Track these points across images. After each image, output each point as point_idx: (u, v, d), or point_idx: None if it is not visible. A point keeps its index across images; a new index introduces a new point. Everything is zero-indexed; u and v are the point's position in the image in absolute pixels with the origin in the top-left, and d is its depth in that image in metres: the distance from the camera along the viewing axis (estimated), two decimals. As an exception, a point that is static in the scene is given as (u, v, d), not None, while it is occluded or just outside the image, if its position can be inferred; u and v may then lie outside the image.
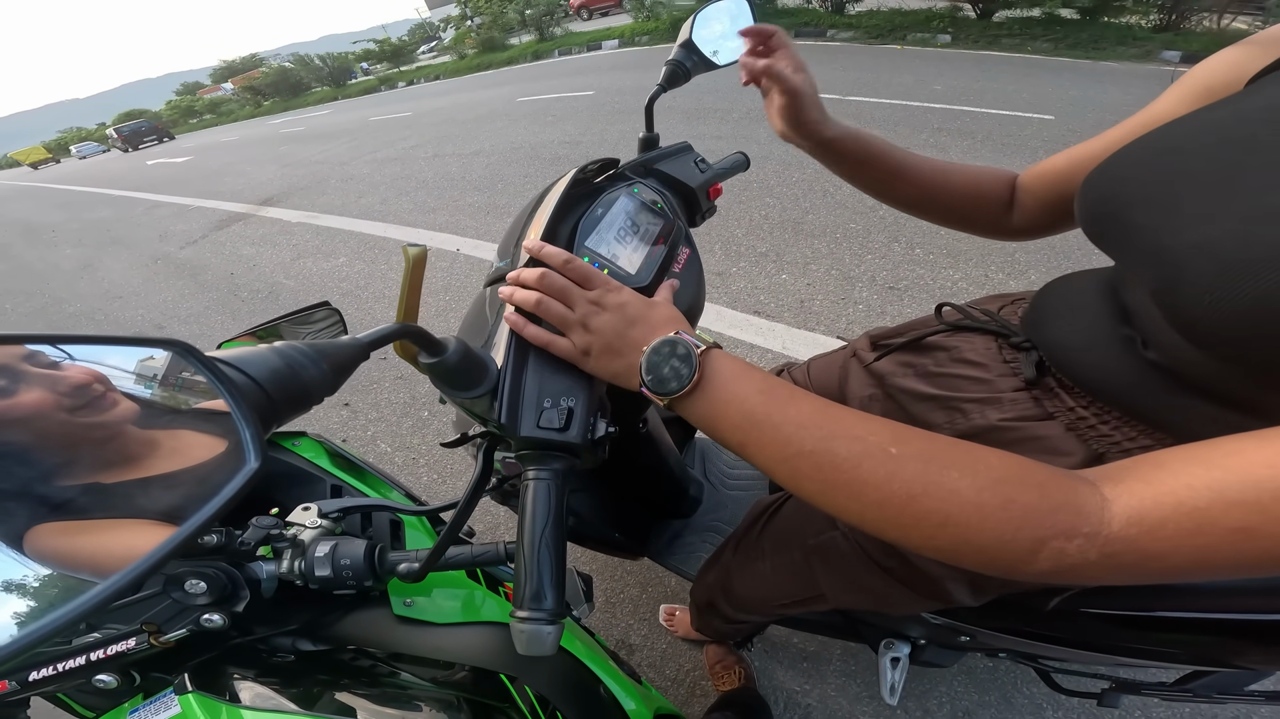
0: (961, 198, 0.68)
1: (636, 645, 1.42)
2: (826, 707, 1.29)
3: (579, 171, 0.61)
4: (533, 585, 0.42)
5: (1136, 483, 0.33)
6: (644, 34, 12.70)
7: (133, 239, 5.88)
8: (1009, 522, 0.34)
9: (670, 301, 0.53)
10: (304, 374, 0.34)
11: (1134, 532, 0.31)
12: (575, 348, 0.48)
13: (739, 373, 0.44)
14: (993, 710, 1.25)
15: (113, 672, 0.51)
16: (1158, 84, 3.10)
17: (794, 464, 0.40)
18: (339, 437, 2.19)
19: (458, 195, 4.67)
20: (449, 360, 0.44)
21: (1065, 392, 0.52)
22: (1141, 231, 0.41)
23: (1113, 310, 0.49)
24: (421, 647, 0.59)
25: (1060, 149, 0.61)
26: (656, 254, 0.60)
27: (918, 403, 0.65)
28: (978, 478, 0.36)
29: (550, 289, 0.49)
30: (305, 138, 10.81)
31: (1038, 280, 2.39)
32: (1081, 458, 0.49)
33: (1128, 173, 0.44)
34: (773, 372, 1.17)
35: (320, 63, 26.22)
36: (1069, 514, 0.33)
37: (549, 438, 0.46)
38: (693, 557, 1.12)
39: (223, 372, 0.29)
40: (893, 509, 0.37)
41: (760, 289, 2.63)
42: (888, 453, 0.38)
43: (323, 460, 0.76)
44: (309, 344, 0.35)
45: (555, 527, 0.44)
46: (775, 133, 0.69)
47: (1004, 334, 0.60)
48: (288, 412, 0.33)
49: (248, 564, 0.52)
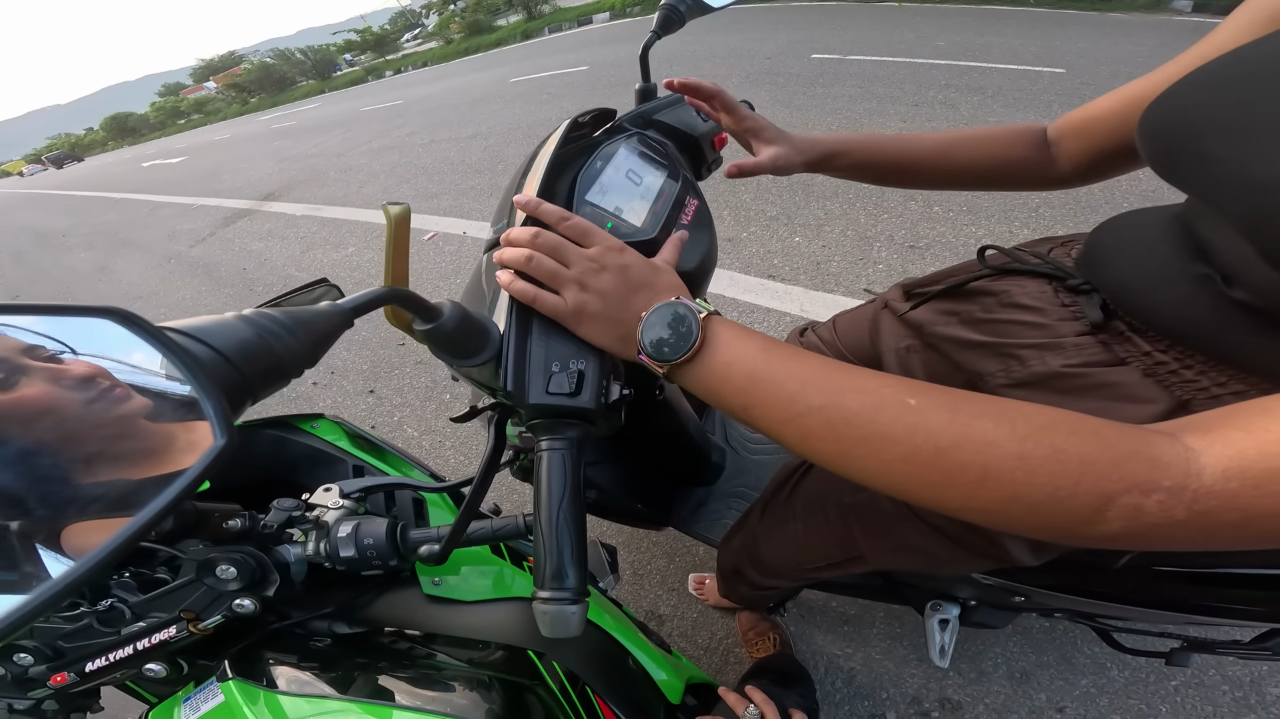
0: (979, 165, 0.66)
1: (666, 616, 1.41)
2: (871, 669, 1.26)
3: (573, 123, 0.57)
4: (553, 564, 0.40)
5: (1235, 432, 0.28)
6: (635, 4, 12.41)
7: (143, 240, 5.90)
8: (1063, 473, 0.29)
9: (677, 257, 0.51)
10: (277, 344, 0.30)
11: (1234, 485, 0.27)
12: (567, 305, 0.44)
13: (740, 334, 0.42)
14: (1052, 671, 1.21)
15: (160, 660, 0.51)
16: (1171, 34, 3.02)
17: (803, 423, 0.37)
18: (366, 423, 2.22)
19: (459, 179, 4.62)
20: (445, 325, 0.41)
21: (1138, 335, 0.48)
22: (1221, 163, 0.37)
23: (1184, 247, 0.45)
24: (452, 625, 0.59)
25: (1076, 103, 0.59)
26: (662, 206, 0.56)
27: (964, 350, 0.61)
28: (1016, 426, 0.31)
29: (543, 246, 0.45)
30: (297, 132, 10.75)
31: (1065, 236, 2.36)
32: (1165, 406, 0.44)
33: (1196, 100, 0.40)
34: (795, 331, 1.14)
35: (302, 56, 26.02)
36: (1142, 464, 0.28)
37: (560, 404, 0.44)
38: (718, 524, 1.10)
39: (176, 343, 0.26)
40: (919, 464, 0.33)
41: (774, 253, 2.57)
42: (905, 404, 0.34)
43: (342, 441, 0.75)
44: (284, 311, 0.32)
45: (573, 499, 0.42)
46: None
47: (1059, 276, 0.56)
48: (261, 386, 0.30)
49: (275, 548, 0.52)
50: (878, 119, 3.81)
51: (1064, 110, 0.60)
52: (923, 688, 1.22)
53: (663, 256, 0.49)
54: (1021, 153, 0.64)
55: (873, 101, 4.13)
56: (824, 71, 5.05)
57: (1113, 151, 0.57)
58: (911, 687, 1.23)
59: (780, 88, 4.77)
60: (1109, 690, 1.18)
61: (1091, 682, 1.19)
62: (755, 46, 6.40)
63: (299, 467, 0.73)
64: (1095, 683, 1.19)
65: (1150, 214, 0.51)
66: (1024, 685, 1.20)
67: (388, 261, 0.42)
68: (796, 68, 5.33)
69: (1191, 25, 5.91)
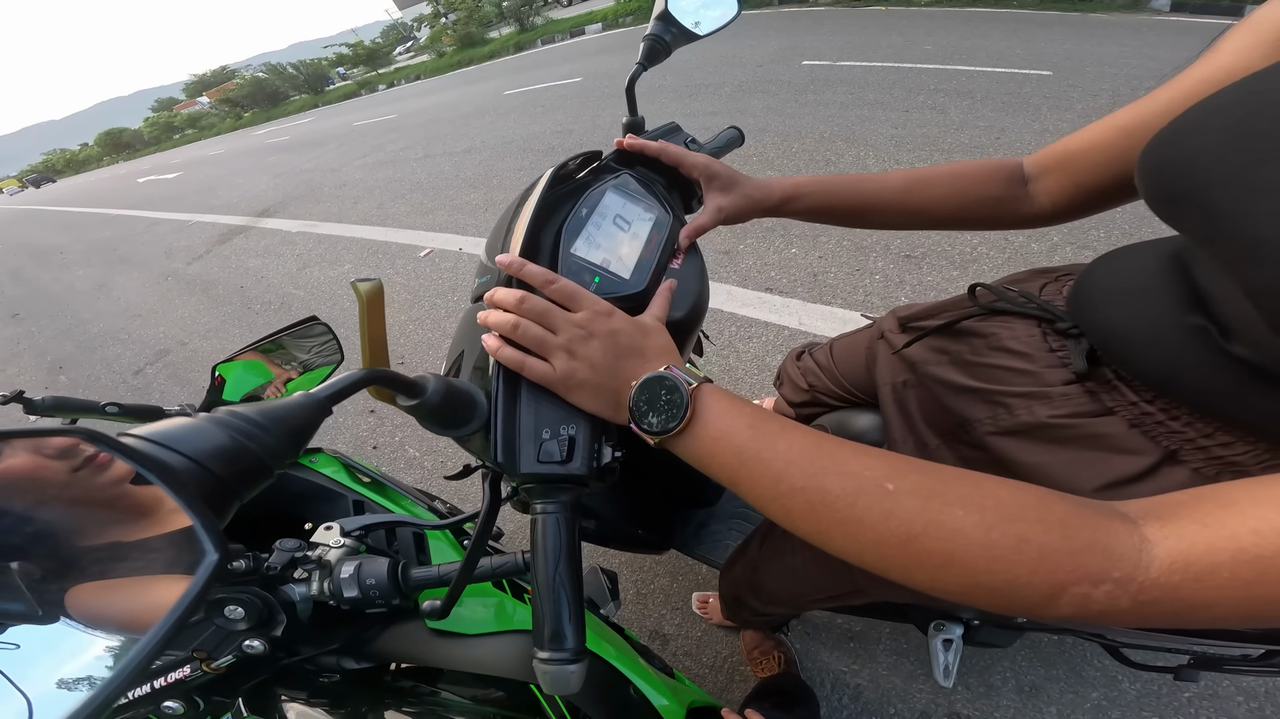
0: (946, 204, 0.63)
1: (670, 635, 1.41)
2: (878, 686, 1.25)
3: (558, 169, 0.56)
4: (551, 626, 0.40)
5: (1190, 524, 0.29)
6: (628, 14, 12.50)
7: (140, 257, 5.89)
8: (1022, 563, 0.31)
9: (667, 310, 0.50)
10: (253, 444, 0.30)
11: (1176, 578, 0.28)
12: (556, 373, 0.44)
13: (728, 408, 0.41)
14: (1062, 684, 1.20)
15: (177, 698, 0.52)
16: (1152, 34, 3.03)
17: (785, 502, 0.37)
18: (368, 443, 2.22)
19: (454, 194, 4.62)
20: (430, 401, 0.40)
21: (1124, 384, 0.47)
22: (1228, 218, 0.35)
23: (1180, 295, 0.43)
24: (456, 659, 0.59)
25: (1062, 105, 0.57)
26: (652, 251, 0.55)
27: (955, 395, 0.61)
28: (985, 515, 0.32)
29: (529, 313, 0.44)
30: (292, 147, 10.75)
31: (1061, 242, 2.38)
32: (1155, 458, 0.45)
33: (1202, 143, 0.37)
34: (793, 354, 1.14)
35: (294, 71, 26.10)
36: (1096, 557, 0.30)
37: (551, 472, 0.43)
38: (720, 545, 1.10)
39: (149, 456, 0.26)
40: (891, 549, 0.34)
41: (770, 265, 2.58)
42: (883, 489, 0.35)
43: (341, 476, 0.76)
44: (257, 409, 0.32)
45: (569, 562, 0.42)
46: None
47: (1047, 319, 0.55)
48: (244, 488, 0.30)
49: (280, 587, 0.53)
50: (869, 125, 3.84)
51: (1054, 114, 0.57)
52: (931, 703, 1.22)
53: (652, 312, 0.49)
54: (995, 190, 0.60)
55: (864, 108, 4.16)
56: (815, 78, 5.08)
57: (1100, 187, 0.55)
58: (919, 702, 1.22)
59: (773, 95, 4.80)
60: (1121, 703, 1.17)
61: (1103, 694, 1.18)
62: (747, 54, 6.44)
63: (299, 501, 0.74)
64: (1106, 696, 1.18)
65: (1146, 252, 0.49)
66: (1034, 699, 1.19)
67: (363, 340, 0.42)
68: (788, 75, 5.36)
69: (1171, 25, 5.96)
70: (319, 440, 0.74)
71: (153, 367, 3.31)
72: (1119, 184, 0.52)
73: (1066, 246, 2.35)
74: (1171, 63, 4.56)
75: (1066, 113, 3.52)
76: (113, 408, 0.83)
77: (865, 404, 0.90)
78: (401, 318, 2.99)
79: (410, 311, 3.02)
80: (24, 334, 4.68)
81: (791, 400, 1.11)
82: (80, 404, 0.84)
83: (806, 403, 1.05)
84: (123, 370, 3.39)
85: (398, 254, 3.79)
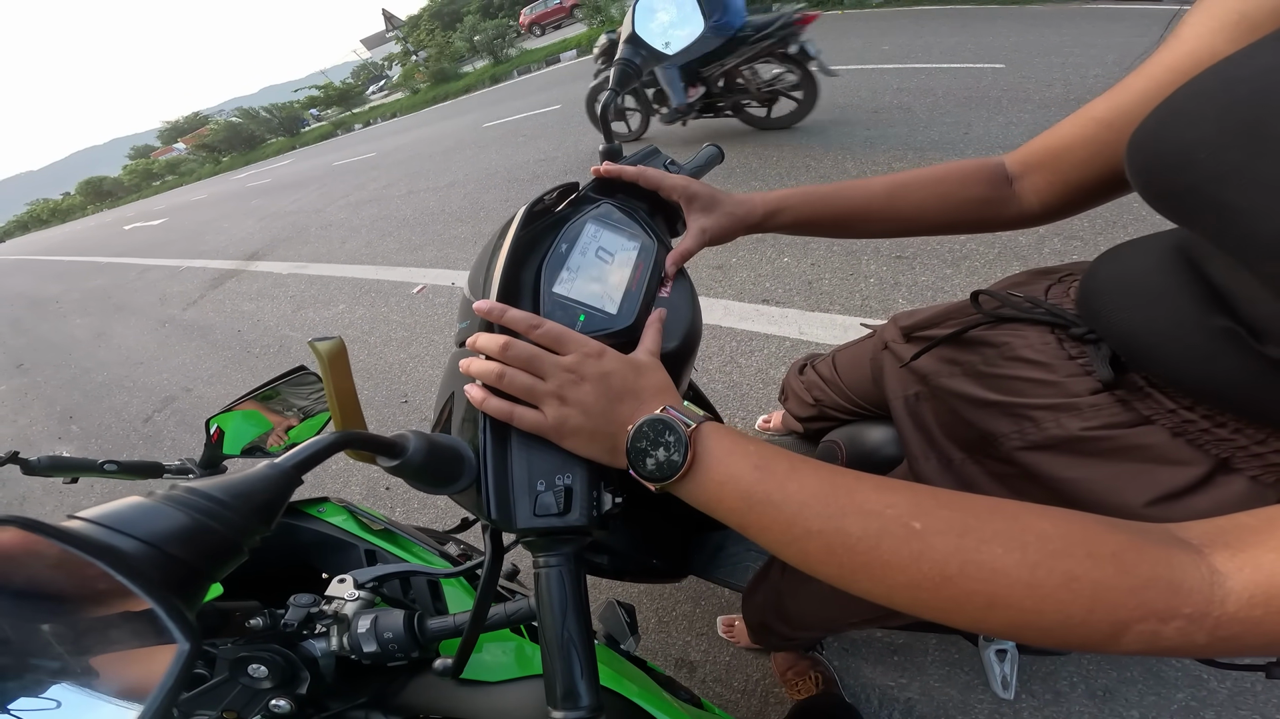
0: (930, 209, 0.61)
1: (698, 662, 1.36)
2: (932, 698, 1.18)
3: (532, 205, 0.53)
4: (563, 684, 0.38)
5: (1266, 552, 0.27)
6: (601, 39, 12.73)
7: (135, 304, 5.88)
8: (1075, 602, 0.28)
9: (659, 343, 0.48)
10: (217, 522, 0.28)
11: (1259, 613, 0.26)
12: (548, 420, 0.41)
13: (732, 448, 0.39)
14: (1140, 686, 1.13)
15: None
16: (1086, 22, 3.12)
17: (801, 546, 0.35)
18: (381, 484, 2.15)
19: (441, 229, 4.62)
20: (412, 460, 0.38)
21: (1158, 391, 0.45)
22: (1246, 215, 0.33)
23: (1197, 294, 0.41)
24: (482, 709, 0.58)
25: (1020, 97, 0.56)
26: (638, 283, 0.52)
27: (974, 409, 0.58)
28: (1027, 552, 0.30)
29: (515, 360, 0.42)
30: (274, 189, 10.80)
31: (1047, 234, 2.39)
32: (1206, 468, 0.42)
33: (1196, 134, 0.36)
34: (795, 368, 1.12)
35: (267, 114, 26.30)
36: (1160, 593, 0.27)
37: (550, 525, 0.41)
38: (740, 567, 1.06)
39: (99, 541, 0.24)
40: (925, 593, 0.31)
41: (764, 276, 2.58)
42: (910, 528, 0.32)
43: (350, 525, 0.75)
44: (217, 484, 0.30)
45: (576, 615, 0.40)
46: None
47: (1060, 324, 0.53)
48: (213, 568, 0.28)
49: (300, 644, 0.53)
50: (842, 129, 3.91)
51: (1014, 106, 0.56)
52: (994, 714, 1.14)
53: (645, 347, 0.46)
54: (979, 191, 0.59)
55: (834, 111, 4.24)
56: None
57: (1088, 184, 0.53)
58: (981, 714, 1.15)
59: (745, 107, 4.88)
60: (1212, 703, 1.09)
61: (1190, 695, 1.10)
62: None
63: (313, 552, 0.73)
64: (1195, 696, 1.10)
65: (1150, 248, 0.47)
66: (1110, 703, 1.12)
67: (331, 402, 0.40)
68: (759, 85, 5.48)
69: (1101, 12, 6.14)
70: (330, 482, 0.70)
71: (160, 414, 3.27)
72: (1107, 179, 0.50)
73: (1054, 238, 2.36)
74: (1109, 48, 4.73)
75: (1025, 104, 3.55)
76: (111, 465, 0.81)
77: (876, 417, 0.88)
78: (401, 355, 2.97)
79: (409, 349, 3.00)
80: (31, 385, 4.63)
81: (798, 415, 1.09)
82: (77, 463, 0.81)
83: (814, 417, 1.03)
84: (132, 418, 3.34)
85: (390, 292, 3.78)
